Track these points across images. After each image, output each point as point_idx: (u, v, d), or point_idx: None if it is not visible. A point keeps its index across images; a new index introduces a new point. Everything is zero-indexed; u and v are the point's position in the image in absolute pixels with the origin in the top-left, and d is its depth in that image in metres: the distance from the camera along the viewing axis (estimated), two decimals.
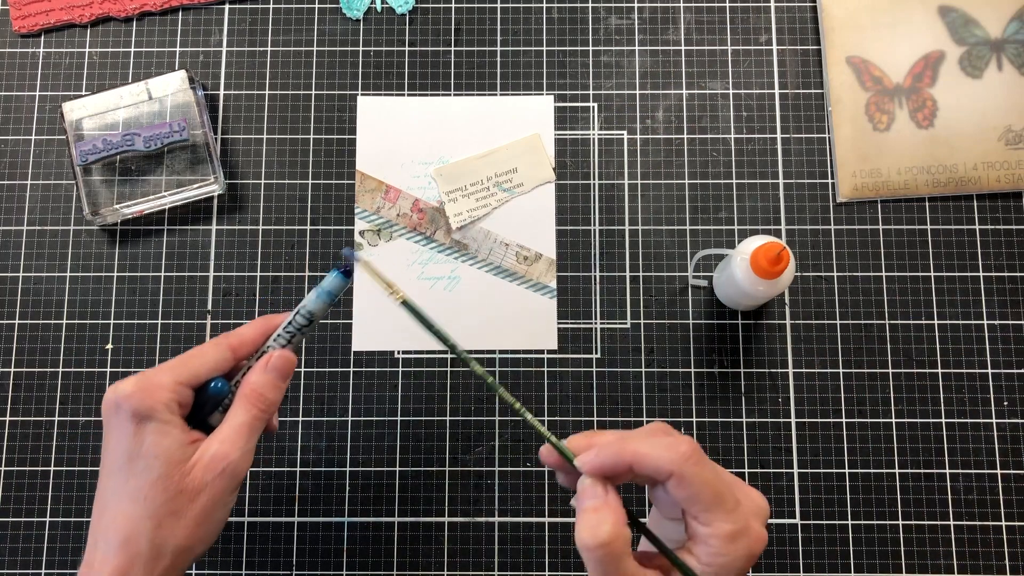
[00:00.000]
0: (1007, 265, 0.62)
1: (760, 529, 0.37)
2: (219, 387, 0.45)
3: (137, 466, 0.42)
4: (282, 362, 0.45)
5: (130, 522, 0.41)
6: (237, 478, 0.43)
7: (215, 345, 0.45)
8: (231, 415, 0.44)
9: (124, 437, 0.42)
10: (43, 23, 0.66)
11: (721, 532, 0.36)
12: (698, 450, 0.37)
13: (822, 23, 0.65)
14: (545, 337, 0.62)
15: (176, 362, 0.44)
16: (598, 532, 0.35)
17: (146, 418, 0.42)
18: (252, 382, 0.45)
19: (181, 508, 0.42)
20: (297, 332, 0.46)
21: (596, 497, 0.37)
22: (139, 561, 0.41)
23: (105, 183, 0.63)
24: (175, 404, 0.43)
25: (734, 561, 0.36)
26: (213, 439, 0.43)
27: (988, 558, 0.58)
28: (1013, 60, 0.64)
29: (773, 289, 0.54)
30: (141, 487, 0.41)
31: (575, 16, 0.66)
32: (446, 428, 0.61)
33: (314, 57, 0.66)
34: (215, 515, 0.43)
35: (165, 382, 0.43)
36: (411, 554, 0.59)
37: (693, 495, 0.36)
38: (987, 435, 0.60)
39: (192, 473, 0.42)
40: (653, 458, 0.36)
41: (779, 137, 0.64)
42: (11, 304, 0.62)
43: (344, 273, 0.44)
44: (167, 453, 0.42)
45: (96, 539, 0.42)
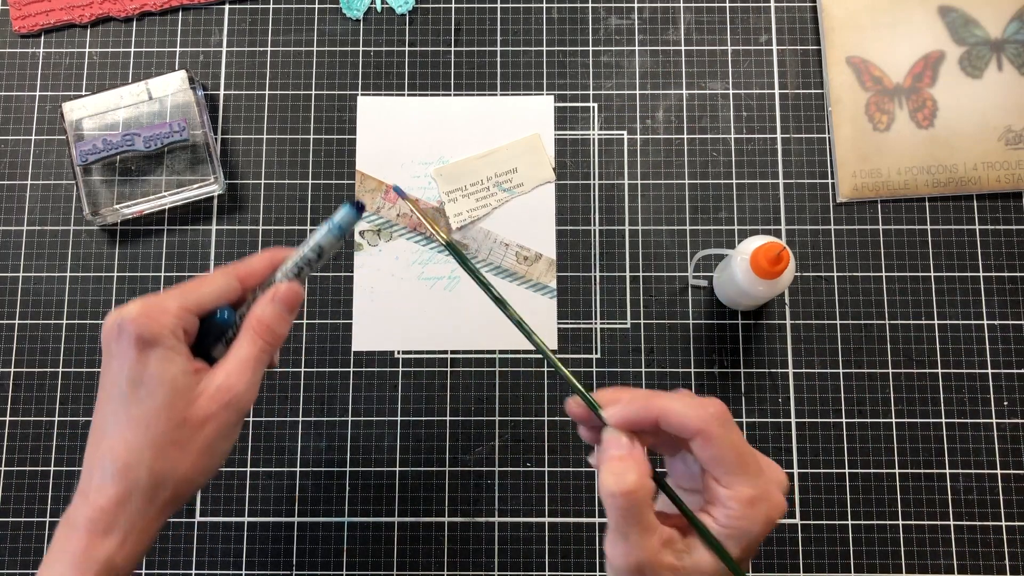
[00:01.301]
0: (1007, 265, 0.62)
1: (780, 498, 0.36)
2: (225, 316, 0.43)
3: (140, 393, 0.40)
4: (290, 294, 0.43)
5: (130, 450, 0.40)
6: (242, 411, 0.42)
7: (223, 274, 0.43)
8: (237, 347, 0.42)
9: (127, 362, 0.40)
10: (43, 23, 0.66)
11: (742, 496, 0.35)
12: (726, 412, 0.36)
13: (822, 23, 0.65)
14: (545, 337, 0.62)
15: (182, 288, 0.42)
16: (624, 480, 0.35)
17: (151, 343, 0.40)
18: (259, 314, 0.43)
19: (184, 438, 0.40)
20: (306, 266, 0.44)
21: (622, 447, 0.37)
22: (138, 490, 0.39)
23: (105, 183, 0.63)
24: (180, 331, 0.41)
25: (752, 525, 0.35)
26: (219, 370, 0.42)
27: (988, 558, 0.58)
28: (1013, 60, 0.64)
29: (773, 289, 0.54)
30: (143, 414, 0.40)
31: (575, 16, 0.66)
32: (446, 428, 0.61)
33: (314, 57, 0.66)
34: (218, 447, 0.41)
35: (171, 307, 0.41)
36: (411, 554, 0.59)
37: (717, 456, 0.35)
38: (987, 435, 0.60)
39: (197, 403, 0.40)
40: (681, 415, 0.36)
41: (779, 137, 0.64)
42: (11, 304, 0.62)
43: (356, 207, 0.43)
44: (172, 381, 0.40)
45: (92, 468, 0.40)
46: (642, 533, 0.35)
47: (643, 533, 0.35)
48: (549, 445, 0.60)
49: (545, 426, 0.61)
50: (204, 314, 0.43)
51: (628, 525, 0.35)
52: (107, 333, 0.41)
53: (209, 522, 0.60)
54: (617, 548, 0.35)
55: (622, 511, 0.35)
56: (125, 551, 0.39)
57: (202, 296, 0.42)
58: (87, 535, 0.39)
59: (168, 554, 0.59)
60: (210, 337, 0.43)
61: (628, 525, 0.35)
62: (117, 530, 0.39)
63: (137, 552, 0.40)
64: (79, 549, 0.39)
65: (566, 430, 0.61)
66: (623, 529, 0.35)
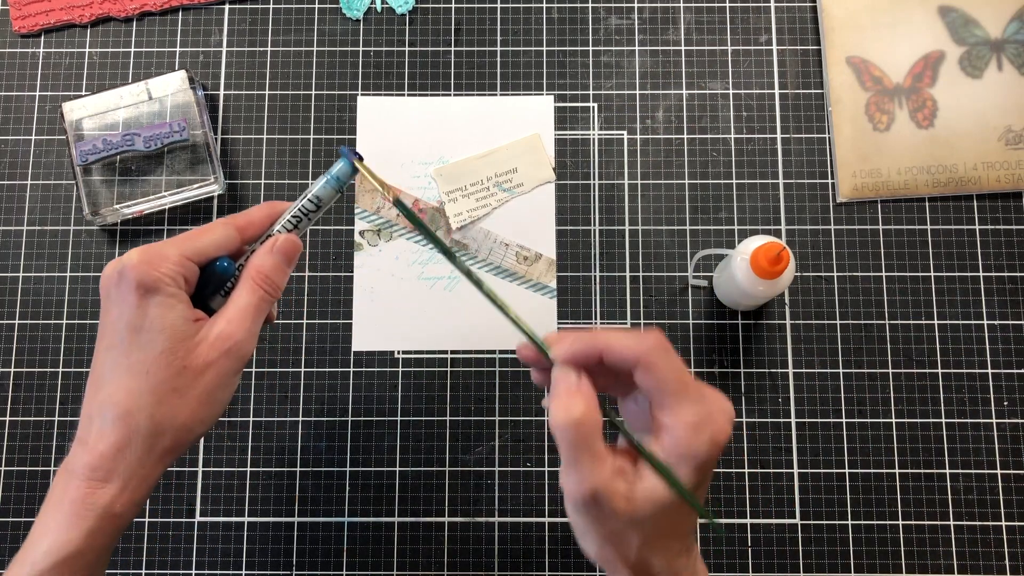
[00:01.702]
0: (1007, 265, 0.62)
1: (723, 421, 0.37)
2: (225, 266, 0.43)
3: (140, 339, 0.40)
4: (288, 245, 0.44)
5: (130, 396, 0.40)
6: (242, 359, 0.42)
7: (222, 224, 0.43)
8: (236, 296, 0.42)
9: (127, 309, 0.40)
10: (43, 23, 0.66)
11: (685, 419, 0.36)
12: (666, 341, 0.37)
13: (822, 23, 0.65)
14: None
15: (182, 237, 0.42)
16: (571, 411, 0.36)
17: (152, 290, 0.40)
18: (258, 264, 0.43)
19: (184, 385, 0.40)
20: (304, 217, 0.44)
21: (569, 382, 0.38)
22: (137, 437, 0.39)
23: (105, 183, 0.63)
24: (181, 278, 0.41)
25: (697, 448, 0.36)
26: (219, 318, 0.42)
27: (988, 558, 0.58)
28: (1013, 60, 0.64)
29: (773, 289, 0.54)
30: (143, 361, 0.40)
31: (575, 16, 0.66)
32: (446, 428, 0.61)
33: (314, 57, 0.66)
34: (218, 395, 0.41)
35: (171, 255, 0.41)
36: (411, 554, 0.59)
37: (659, 382, 0.36)
38: (987, 435, 0.60)
39: (197, 350, 0.40)
40: (622, 345, 0.37)
41: (779, 137, 0.64)
42: (11, 304, 0.62)
43: (352, 161, 0.43)
44: (172, 327, 0.40)
45: (91, 415, 0.40)
46: (593, 461, 0.36)
47: (594, 461, 0.36)
48: (549, 445, 0.60)
49: (545, 426, 0.61)
50: (204, 263, 0.43)
51: (579, 454, 0.36)
52: (106, 280, 0.41)
53: (209, 522, 0.60)
54: (571, 478, 0.37)
55: (572, 441, 0.36)
56: (124, 498, 0.39)
57: (202, 245, 0.42)
58: (86, 482, 0.39)
59: (168, 554, 0.59)
60: (209, 287, 0.43)
61: (579, 454, 0.36)
62: (117, 477, 0.39)
63: (136, 499, 0.40)
64: (78, 496, 0.39)
65: None
66: (574, 458, 0.36)
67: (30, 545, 0.39)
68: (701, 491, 0.37)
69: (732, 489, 0.60)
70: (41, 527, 0.39)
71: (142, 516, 0.60)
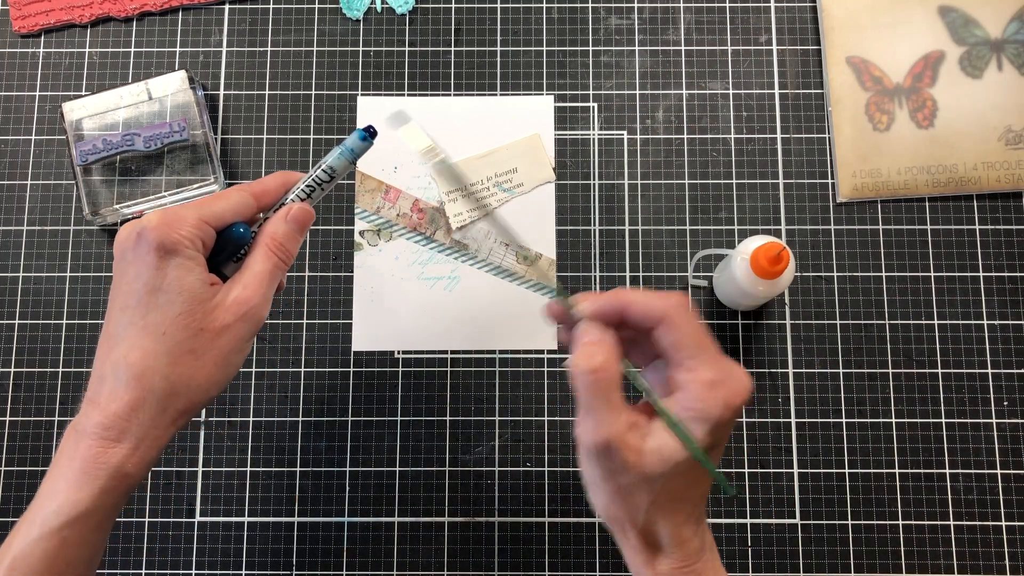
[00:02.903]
0: (1007, 265, 0.62)
1: (740, 388, 0.37)
2: (241, 231, 0.44)
3: (158, 300, 0.40)
4: (302, 214, 0.44)
5: (146, 357, 0.40)
6: (258, 324, 0.42)
7: (238, 190, 0.44)
8: (252, 262, 0.43)
9: (145, 269, 0.40)
10: (43, 23, 0.66)
11: (701, 378, 0.37)
12: (687, 301, 0.38)
13: (822, 23, 0.65)
14: (545, 337, 0.62)
15: (200, 201, 0.43)
16: (592, 359, 0.37)
17: (171, 252, 0.40)
18: (272, 231, 0.44)
19: (200, 347, 0.40)
20: (317, 187, 0.45)
21: (593, 334, 0.38)
22: (152, 397, 0.39)
23: (105, 183, 0.63)
24: (199, 241, 0.41)
25: (712, 407, 0.36)
26: (235, 283, 0.42)
27: (988, 558, 0.58)
28: (1013, 60, 0.64)
29: (773, 289, 0.54)
30: (161, 322, 0.40)
31: (575, 16, 0.66)
32: (446, 428, 0.61)
33: (314, 57, 0.66)
34: (232, 359, 0.42)
35: (190, 218, 0.41)
36: (411, 554, 0.59)
37: (678, 340, 0.37)
38: (987, 435, 0.60)
39: (214, 313, 0.41)
40: (644, 303, 0.38)
41: (779, 137, 0.64)
42: (11, 304, 0.62)
43: (367, 133, 0.44)
44: (191, 289, 0.40)
45: (103, 374, 0.40)
46: (608, 411, 0.36)
47: (609, 411, 0.36)
48: (549, 445, 0.60)
49: (545, 426, 0.61)
50: (221, 228, 0.43)
51: (595, 401, 0.36)
52: (123, 241, 0.41)
53: (209, 522, 0.60)
54: (585, 426, 0.37)
55: (590, 388, 0.37)
56: (136, 458, 0.39)
57: (219, 210, 0.43)
58: (98, 441, 0.39)
59: (168, 554, 0.59)
60: (224, 252, 0.44)
61: (595, 401, 0.36)
62: (129, 437, 0.39)
63: (147, 460, 0.40)
64: (89, 455, 0.39)
65: (566, 430, 0.61)
66: (591, 405, 0.37)
67: (38, 504, 0.39)
68: (715, 455, 0.37)
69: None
70: (50, 486, 0.39)
71: (141, 516, 0.60)
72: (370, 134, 0.44)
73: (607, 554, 0.59)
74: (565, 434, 0.61)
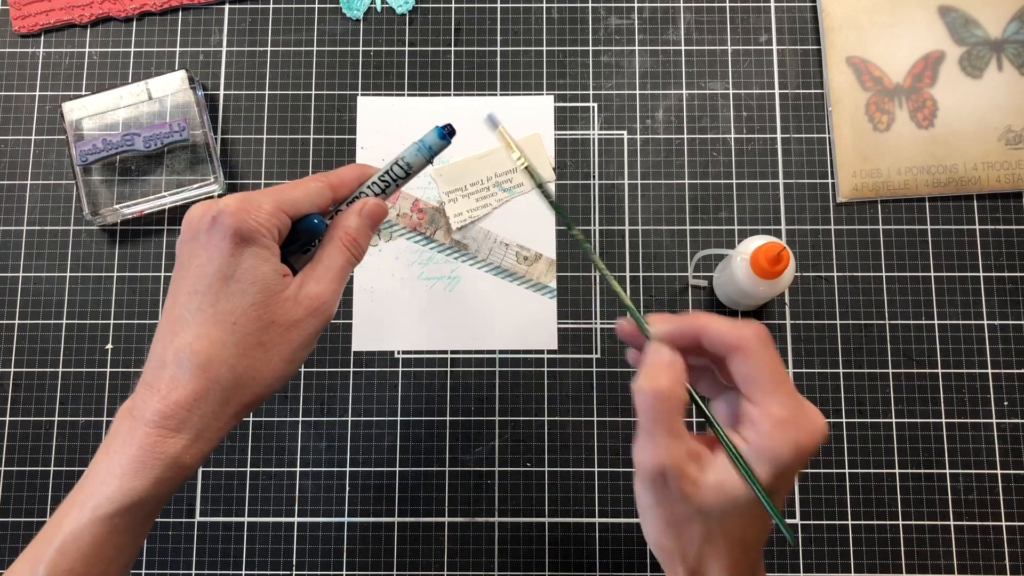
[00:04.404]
0: (1007, 265, 0.62)
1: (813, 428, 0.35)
2: (316, 223, 0.42)
3: (230, 288, 0.38)
4: (377, 209, 0.43)
5: (214, 346, 0.38)
6: (327, 320, 0.41)
7: (316, 180, 0.42)
8: (324, 256, 0.41)
9: (219, 255, 0.38)
10: (43, 23, 0.66)
11: (774, 415, 0.35)
12: (768, 334, 0.36)
13: (822, 23, 0.65)
14: (545, 337, 0.62)
15: (277, 189, 0.41)
16: (657, 381, 0.35)
17: (247, 239, 0.39)
18: (346, 225, 0.42)
19: (270, 340, 0.39)
20: (392, 182, 0.44)
21: (661, 356, 0.37)
22: (217, 388, 0.38)
23: (105, 183, 0.63)
24: (276, 230, 0.40)
25: (779, 447, 0.34)
26: (308, 277, 0.41)
27: (988, 558, 0.58)
28: (1013, 60, 0.64)
29: (773, 289, 0.54)
30: (232, 311, 0.38)
31: (575, 16, 0.66)
32: (446, 428, 0.61)
33: (314, 57, 0.66)
34: (299, 354, 0.40)
35: (267, 205, 0.39)
36: (411, 554, 0.59)
37: (753, 374, 0.35)
38: (987, 435, 0.60)
39: (285, 307, 0.39)
40: (721, 330, 0.36)
41: (779, 137, 0.64)
42: (11, 304, 0.62)
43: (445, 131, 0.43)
44: (264, 280, 0.39)
45: (164, 360, 0.38)
46: (668, 437, 0.35)
47: (669, 437, 0.35)
48: (549, 445, 0.60)
49: (545, 426, 0.61)
50: (296, 217, 0.41)
51: (656, 426, 0.35)
52: (196, 223, 0.39)
53: (209, 522, 0.60)
54: (644, 450, 0.35)
55: (652, 412, 0.35)
56: (195, 449, 0.38)
57: (296, 199, 0.41)
58: (156, 430, 0.37)
59: (168, 554, 0.59)
60: (296, 243, 0.42)
61: (656, 426, 0.35)
62: (189, 428, 0.38)
63: (205, 452, 0.39)
64: (147, 444, 0.37)
65: (566, 430, 0.61)
66: (651, 429, 0.35)
67: (90, 486, 0.38)
68: (776, 500, 0.35)
69: None
70: (104, 471, 0.38)
71: None
72: (448, 132, 0.43)
73: (607, 554, 0.59)
74: (565, 434, 0.61)
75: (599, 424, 0.61)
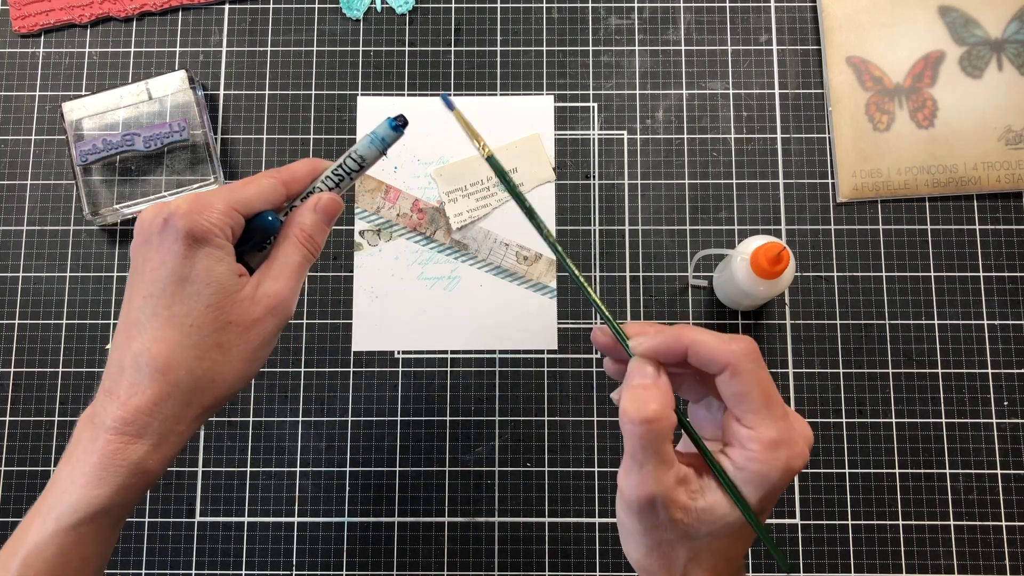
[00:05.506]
0: (1007, 265, 0.62)
1: (803, 447, 0.34)
2: (270, 220, 0.41)
3: (184, 291, 0.38)
4: (331, 204, 0.42)
5: (171, 349, 0.38)
6: (286, 318, 0.41)
7: (267, 176, 0.42)
8: (281, 253, 0.41)
9: (171, 257, 0.38)
10: (43, 23, 0.66)
11: (763, 437, 0.34)
12: (757, 350, 0.34)
13: (822, 23, 0.65)
14: (545, 337, 0.62)
15: (228, 188, 0.40)
16: (645, 408, 0.34)
17: (200, 240, 0.38)
18: (301, 222, 0.42)
19: (228, 341, 0.39)
20: (346, 176, 0.43)
21: (647, 376, 0.35)
22: (176, 392, 0.38)
23: (105, 183, 0.63)
24: (229, 229, 0.39)
25: (771, 470, 0.33)
26: (264, 275, 0.41)
27: (988, 558, 0.58)
28: (1013, 60, 0.64)
29: (773, 289, 0.54)
30: (188, 314, 0.38)
31: (575, 16, 0.66)
32: (446, 428, 0.61)
33: (314, 57, 0.66)
34: (260, 353, 0.40)
35: (219, 205, 0.39)
36: (411, 554, 0.59)
37: (743, 393, 0.34)
38: (987, 435, 0.60)
39: (242, 306, 0.39)
40: (710, 347, 0.34)
41: (779, 137, 0.64)
42: (11, 304, 0.62)
43: (396, 122, 0.42)
44: (220, 281, 0.39)
45: (123, 366, 0.38)
46: (658, 465, 0.33)
47: (659, 465, 0.34)
48: (549, 445, 0.60)
49: (545, 426, 0.61)
50: (249, 215, 0.41)
51: (645, 455, 0.33)
52: (148, 225, 0.39)
53: (209, 522, 0.60)
54: (631, 478, 0.34)
55: (640, 439, 0.33)
56: (158, 454, 0.38)
57: (248, 197, 0.41)
58: (117, 436, 0.37)
59: (168, 554, 0.59)
60: (250, 241, 0.42)
61: (645, 455, 0.33)
62: (150, 433, 0.38)
63: (169, 457, 0.39)
64: (108, 450, 0.37)
65: (566, 430, 0.61)
66: (639, 458, 0.34)
67: (52, 496, 0.37)
68: (763, 517, 0.35)
69: None
70: (67, 479, 0.37)
71: (141, 516, 0.60)
72: (401, 123, 0.42)
73: (607, 554, 0.59)
74: (565, 434, 0.61)
75: (599, 424, 0.61)
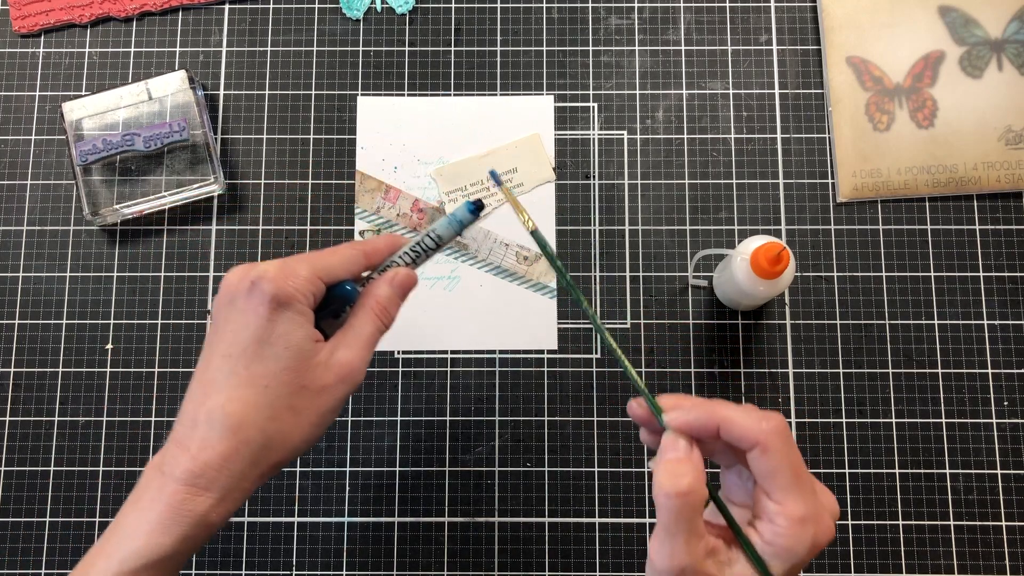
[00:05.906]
0: (1007, 265, 0.62)
1: (830, 523, 0.36)
2: (348, 290, 0.43)
3: (264, 352, 0.40)
4: (407, 279, 0.44)
5: (245, 408, 0.39)
6: (355, 386, 0.42)
7: (351, 247, 0.44)
8: (355, 323, 0.43)
9: (255, 319, 0.40)
10: (43, 23, 0.66)
11: (792, 513, 0.35)
12: (787, 428, 0.36)
13: (822, 23, 0.65)
14: (545, 337, 0.62)
15: (313, 255, 0.42)
16: (679, 482, 0.35)
17: (284, 305, 0.40)
18: (377, 294, 0.43)
19: (301, 404, 0.40)
20: (423, 253, 0.45)
21: (680, 450, 0.37)
22: (246, 450, 0.39)
23: (105, 183, 0.63)
24: (311, 296, 0.41)
25: (798, 545, 0.35)
26: (339, 343, 0.42)
27: (988, 558, 0.58)
28: (1013, 60, 0.64)
29: (773, 289, 0.54)
30: (265, 375, 0.40)
31: (575, 16, 0.66)
32: (446, 428, 0.61)
33: (314, 57, 0.66)
34: (327, 418, 0.41)
35: (303, 272, 0.41)
36: (411, 554, 0.59)
37: (773, 470, 0.35)
38: (987, 435, 0.60)
39: (316, 372, 0.41)
40: (742, 425, 0.36)
41: (779, 137, 0.64)
42: (11, 304, 0.62)
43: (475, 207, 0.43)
44: (298, 346, 0.40)
45: (196, 420, 0.39)
46: (690, 538, 0.35)
47: (691, 538, 0.35)
48: (549, 445, 0.60)
49: (545, 426, 0.61)
50: (331, 283, 0.43)
51: (678, 527, 0.35)
52: (235, 286, 0.41)
53: None
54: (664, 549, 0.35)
55: (674, 512, 0.35)
56: (222, 509, 0.39)
57: (331, 265, 0.42)
58: (185, 487, 0.38)
59: None
60: (328, 308, 0.43)
61: (678, 527, 0.35)
62: (217, 488, 0.39)
63: (230, 511, 0.40)
64: (175, 501, 0.38)
65: (566, 430, 0.61)
66: (672, 530, 0.35)
67: (117, 539, 0.39)
68: None
69: None
70: (133, 525, 0.39)
71: None
72: (478, 207, 0.44)
73: (607, 554, 0.59)
74: (565, 434, 0.61)
75: (599, 424, 0.61)
